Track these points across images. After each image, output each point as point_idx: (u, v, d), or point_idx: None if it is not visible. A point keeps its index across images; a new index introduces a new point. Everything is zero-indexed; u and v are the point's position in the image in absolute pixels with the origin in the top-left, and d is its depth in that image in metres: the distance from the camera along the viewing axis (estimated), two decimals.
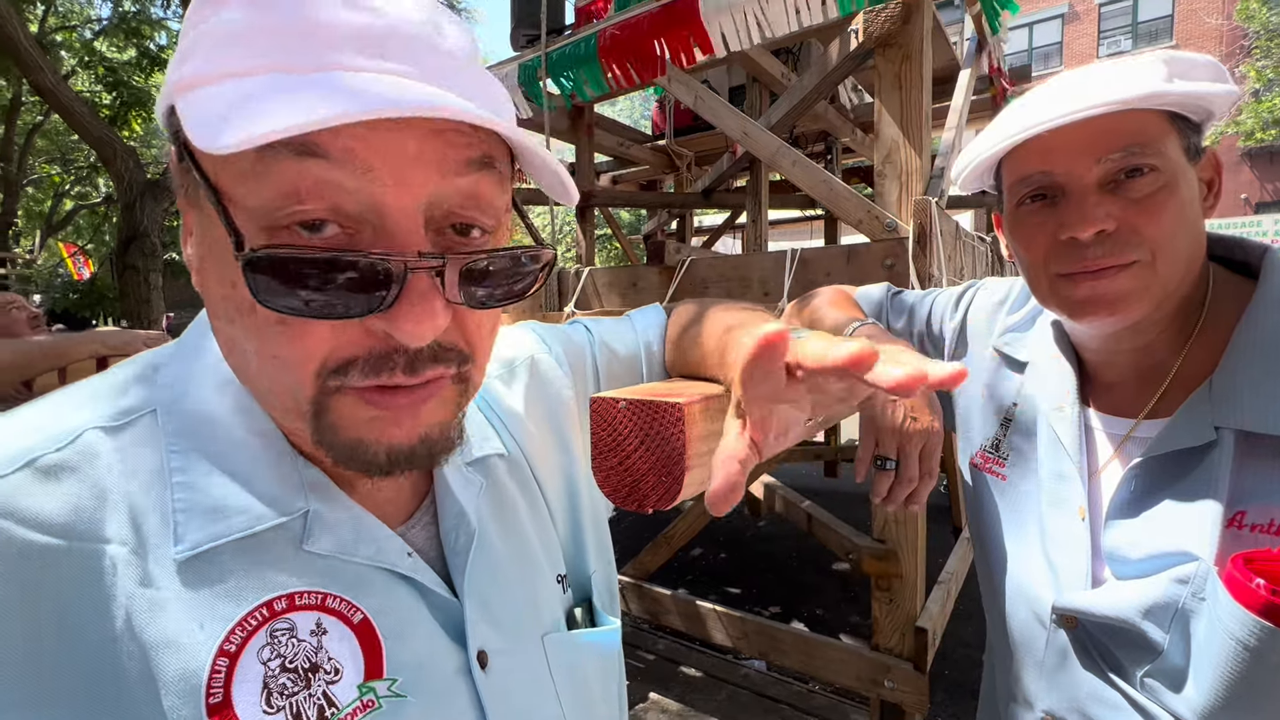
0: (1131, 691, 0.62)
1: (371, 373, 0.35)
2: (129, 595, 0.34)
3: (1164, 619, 0.58)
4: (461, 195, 0.36)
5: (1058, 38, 17.30)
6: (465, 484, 0.49)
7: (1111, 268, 0.60)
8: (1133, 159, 0.59)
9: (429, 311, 0.34)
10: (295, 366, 0.35)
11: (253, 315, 0.34)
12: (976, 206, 4.41)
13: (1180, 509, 0.59)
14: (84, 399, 0.39)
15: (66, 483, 0.35)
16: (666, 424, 0.46)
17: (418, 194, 0.34)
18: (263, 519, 0.38)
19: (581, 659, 0.53)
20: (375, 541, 0.42)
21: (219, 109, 0.30)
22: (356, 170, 0.32)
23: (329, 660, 0.38)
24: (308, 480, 0.41)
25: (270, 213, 0.32)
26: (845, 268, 1.98)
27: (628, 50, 2.43)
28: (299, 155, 0.31)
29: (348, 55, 0.32)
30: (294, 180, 0.32)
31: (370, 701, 0.39)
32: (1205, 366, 0.61)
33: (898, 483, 0.68)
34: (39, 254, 14.16)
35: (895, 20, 1.90)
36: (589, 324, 0.69)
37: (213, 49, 0.32)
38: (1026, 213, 0.66)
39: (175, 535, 0.36)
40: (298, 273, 0.32)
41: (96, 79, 9.54)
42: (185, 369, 0.41)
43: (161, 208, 6.75)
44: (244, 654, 0.36)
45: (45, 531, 0.33)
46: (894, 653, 2.00)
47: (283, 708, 0.36)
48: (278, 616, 0.37)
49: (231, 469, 0.38)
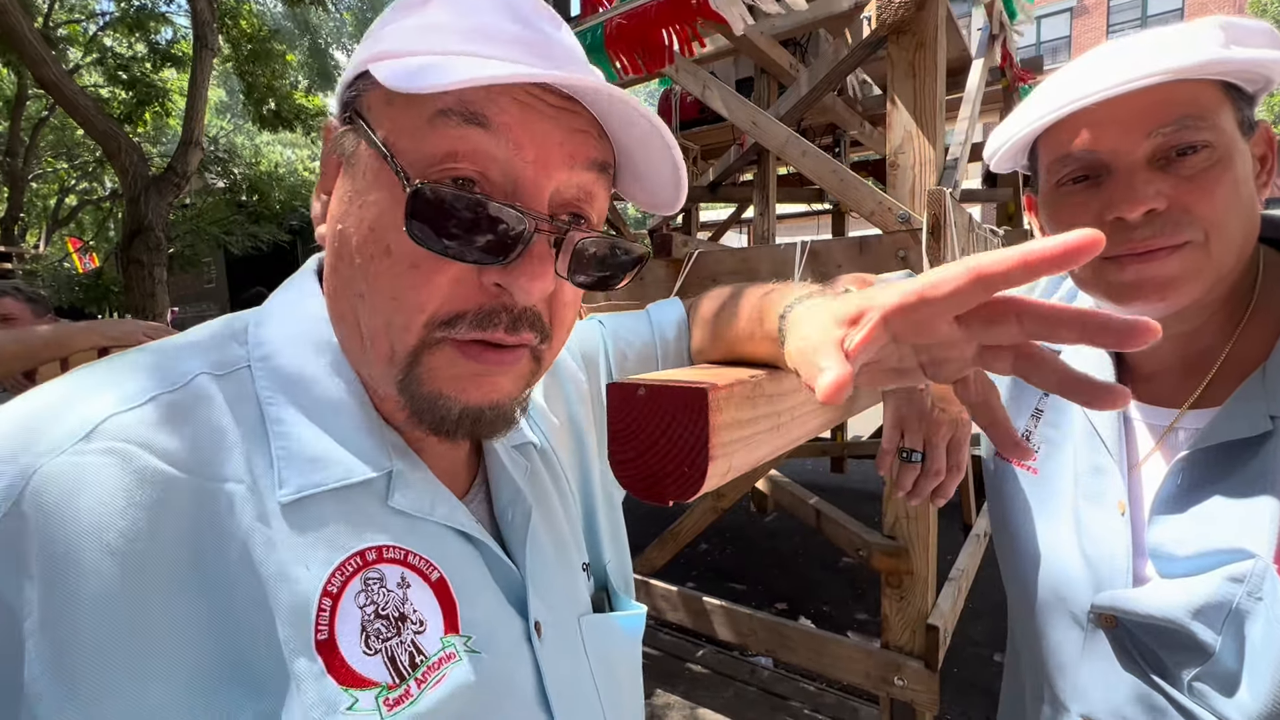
0: (1178, 695, 0.59)
1: (478, 326, 0.40)
2: (247, 529, 0.36)
3: (1216, 619, 0.55)
4: (580, 188, 0.42)
5: (1066, 31, 17.16)
6: (514, 465, 0.52)
7: (1162, 249, 0.56)
8: (1186, 133, 0.55)
9: (544, 272, 0.39)
10: (411, 310, 0.39)
11: (385, 258, 0.39)
12: (986, 200, 4.37)
13: (1233, 503, 0.55)
14: (189, 348, 0.41)
15: (187, 420, 0.37)
16: (690, 410, 0.43)
17: (552, 176, 0.40)
18: (355, 472, 0.41)
19: (612, 641, 0.55)
20: (449, 503, 0.45)
21: (418, 66, 0.36)
22: (509, 143, 0.38)
23: (415, 612, 0.41)
24: (391, 442, 0.44)
25: (428, 165, 0.38)
26: (858, 259, 1.95)
27: (635, 40, 2.39)
28: (465, 122, 0.37)
29: (522, 54, 0.39)
30: (454, 143, 0.38)
31: (451, 653, 0.41)
32: (1257, 353, 0.58)
33: (923, 475, 0.65)
34: (44, 249, 14.20)
35: (909, 6, 1.86)
36: (603, 319, 0.71)
37: (412, 34, 0.39)
38: (1067, 192, 0.62)
39: (279, 479, 0.38)
40: (450, 211, 0.37)
41: (108, 76, 9.55)
42: (277, 331, 0.44)
43: (166, 202, 6.74)
44: (344, 597, 0.38)
45: (169, 462, 0.35)
46: (905, 650, 1.97)
47: (379, 650, 0.38)
48: (369, 566, 0.40)
49: (325, 424, 0.41)
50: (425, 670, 0.39)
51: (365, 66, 0.39)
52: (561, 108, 0.40)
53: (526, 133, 0.38)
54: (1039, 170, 0.66)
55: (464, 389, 0.41)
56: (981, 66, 2.65)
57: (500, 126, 0.38)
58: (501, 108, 0.37)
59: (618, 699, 0.55)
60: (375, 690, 0.37)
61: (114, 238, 13.17)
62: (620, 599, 0.58)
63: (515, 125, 0.38)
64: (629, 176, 0.47)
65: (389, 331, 0.40)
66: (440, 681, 0.40)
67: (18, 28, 5.63)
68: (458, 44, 0.38)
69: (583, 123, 0.41)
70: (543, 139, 0.39)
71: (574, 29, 2.61)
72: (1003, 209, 4.22)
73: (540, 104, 0.39)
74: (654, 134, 0.42)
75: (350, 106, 0.42)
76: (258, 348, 0.43)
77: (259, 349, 0.43)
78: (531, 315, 0.41)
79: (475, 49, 0.38)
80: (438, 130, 0.37)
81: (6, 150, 11.47)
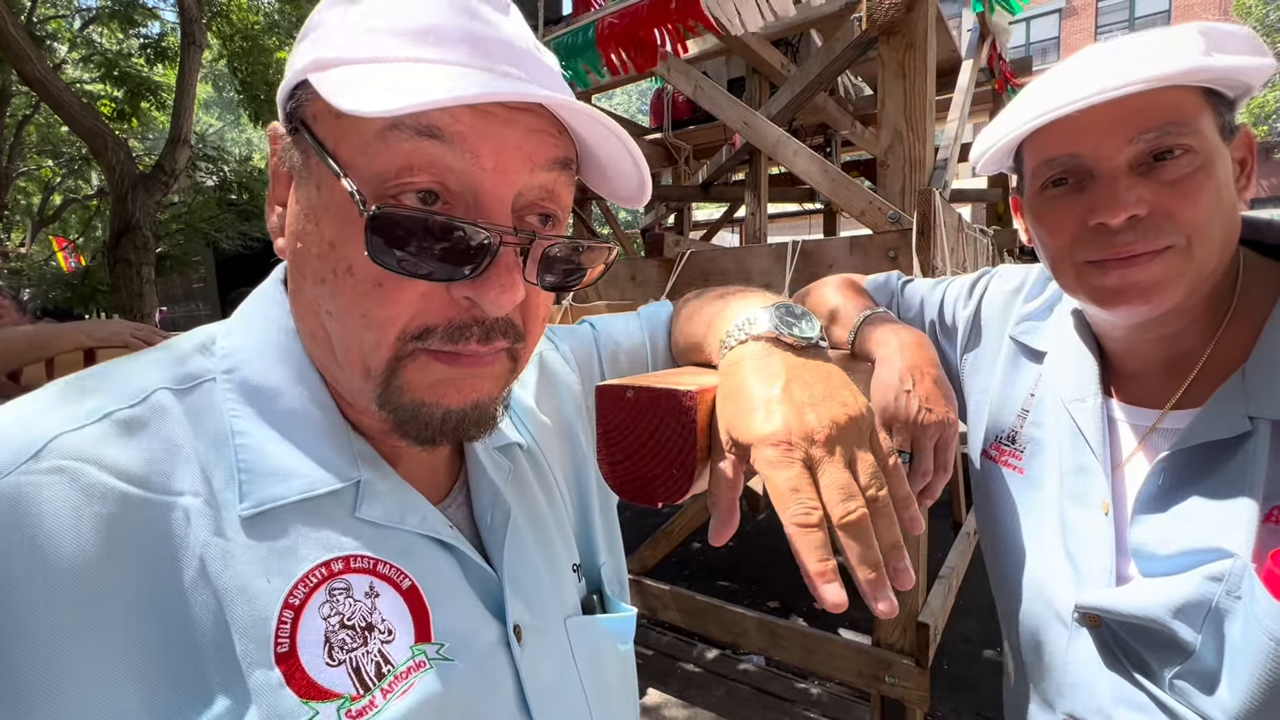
0: (1159, 693, 0.59)
1: (449, 340, 0.39)
2: (203, 544, 0.36)
3: (1196, 618, 0.56)
4: (543, 189, 0.41)
5: (1055, 33, 17.27)
6: (495, 466, 0.51)
7: (1144, 254, 0.57)
8: (1167, 139, 0.56)
9: (513, 283, 0.39)
10: (381, 326, 0.38)
11: (348, 276, 0.38)
12: (976, 200, 4.39)
13: (1213, 503, 0.56)
14: (149, 365, 0.41)
15: (141, 436, 0.37)
16: (678, 412, 0.43)
17: (512, 181, 0.39)
18: (320, 483, 0.40)
19: (600, 644, 0.54)
20: (420, 511, 0.44)
21: (360, 80, 0.35)
22: (465, 153, 0.37)
23: (383, 621, 0.40)
24: (359, 452, 0.43)
25: (383, 181, 0.37)
26: (848, 259, 1.95)
27: (626, 38, 2.39)
28: (419, 134, 0.36)
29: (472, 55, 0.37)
30: (409, 156, 0.36)
31: (421, 662, 0.41)
32: (1237, 355, 0.59)
33: (911, 476, 0.66)
34: (29, 248, 14.02)
35: (899, 7, 1.87)
36: (594, 322, 0.71)
37: (354, 35, 0.37)
38: (1051, 197, 0.63)
39: (240, 493, 0.38)
40: (411, 231, 0.36)
41: (98, 73, 9.44)
42: (244, 341, 0.43)
43: (154, 200, 6.67)
44: (306, 609, 0.38)
45: (123, 479, 0.35)
46: (895, 648, 1.99)
47: (343, 661, 0.38)
48: (335, 577, 0.39)
49: (290, 436, 0.41)
50: (392, 680, 0.39)
51: (306, 75, 0.37)
52: (518, 109, 0.39)
53: (483, 141, 0.37)
54: (1024, 173, 0.67)
55: (444, 393, 0.40)
56: (971, 67, 2.66)
57: (455, 137, 0.36)
58: (455, 117, 0.36)
59: (607, 702, 0.54)
60: (337, 702, 0.37)
61: (101, 237, 13.02)
62: (613, 602, 0.58)
63: (471, 134, 0.37)
64: (594, 171, 0.46)
65: (361, 349, 0.39)
66: (408, 691, 0.39)
67: (1, 23, 5.56)
68: (403, 48, 0.36)
69: (541, 122, 0.40)
70: (500, 144, 0.38)
71: (566, 28, 2.61)
72: (992, 209, 4.25)
73: (496, 108, 0.38)
74: (610, 137, 0.42)
75: (295, 115, 0.40)
76: (224, 360, 0.42)
77: (225, 361, 0.42)
78: (504, 324, 0.41)
79: (421, 53, 0.36)
80: (390, 145, 0.36)
81: None
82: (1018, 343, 0.78)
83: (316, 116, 0.39)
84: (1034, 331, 0.77)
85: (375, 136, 0.36)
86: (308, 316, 0.42)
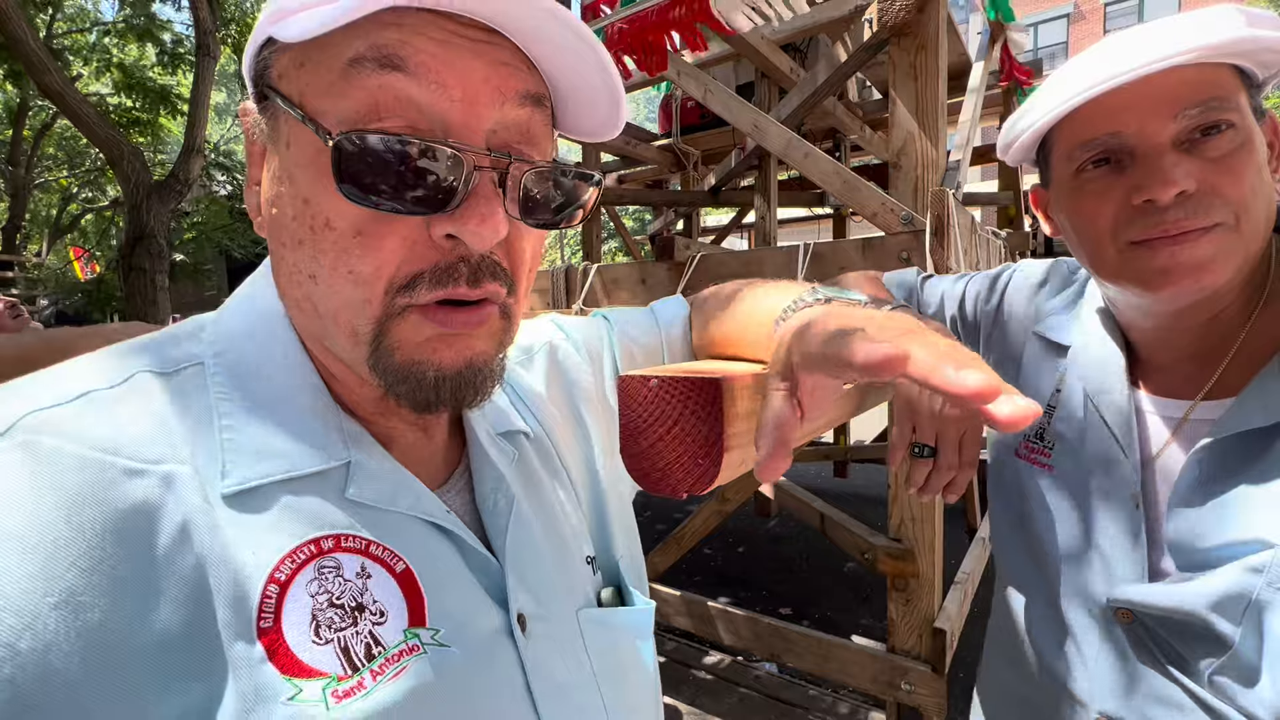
0: (1198, 689, 0.58)
1: (438, 284, 0.38)
2: (187, 509, 0.35)
3: (1235, 611, 0.54)
4: (518, 128, 0.40)
5: (1063, 38, 17.23)
6: (499, 453, 0.50)
7: (1194, 231, 0.55)
8: (1213, 114, 0.54)
9: (493, 211, 0.37)
10: (368, 281, 0.37)
11: (327, 231, 0.37)
12: (986, 204, 4.37)
13: (1253, 493, 0.55)
14: (135, 350, 0.40)
15: (121, 410, 0.36)
16: (704, 402, 0.43)
17: (483, 116, 0.38)
18: (307, 463, 0.39)
19: (616, 638, 0.52)
20: (413, 493, 0.43)
21: (315, 14, 0.34)
22: (430, 84, 0.36)
23: (374, 602, 0.39)
24: (350, 433, 0.42)
25: (351, 125, 0.35)
26: (860, 261, 1.94)
27: (636, 43, 2.40)
28: (381, 67, 0.35)
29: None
30: (374, 93, 0.35)
31: (415, 646, 0.39)
32: (1271, 342, 0.57)
33: (935, 471, 0.65)
34: (46, 257, 14.24)
35: (911, 9, 1.86)
36: (608, 314, 0.69)
37: None
38: (1089, 179, 0.61)
39: (223, 470, 0.37)
40: (379, 157, 0.35)
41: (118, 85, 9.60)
42: (231, 326, 0.43)
43: (168, 209, 6.76)
44: (293, 584, 0.36)
45: (93, 447, 0.33)
46: (911, 654, 1.96)
47: (331, 640, 0.36)
48: (325, 555, 0.38)
49: (277, 417, 0.40)
50: (382, 663, 0.37)
51: (268, 32, 0.37)
52: (482, 40, 0.37)
53: (449, 70, 0.36)
54: (1051, 161, 0.66)
55: (436, 350, 0.39)
56: (982, 69, 2.65)
57: (419, 67, 0.35)
58: (417, 47, 0.35)
59: (625, 699, 0.51)
60: (323, 681, 0.35)
61: (116, 245, 13.22)
62: (633, 595, 0.56)
63: (435, 64, 0.35)
64: (563, 107, 0.44)
65: (349, 309, 0.38)
66: (399, 674, 0.37)
67: (22, 37, 5.67)
68: None
69: (507, 55, 0.38)
70: (466, 75, 0.36)
71: None
72: (1003, 212, 4.22)
73: (459, 39, 0.36)
74: (580, 44, 0.39)
75: (262, 82, 0.39)
76: (213, 344, 0.42)
77: (214, 345, 0.42)
78: (490, 264, 0.40)
79: None
80: (354, 83, 0.35)
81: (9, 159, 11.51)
82: (1042, 338, 0.77)
83: (281, 74, 0.38)
84: (1058, 326, 0.76)
85: (339, 76, 0.35)
86: (291, 287, 0.40)
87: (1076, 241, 0.65)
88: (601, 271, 2.53)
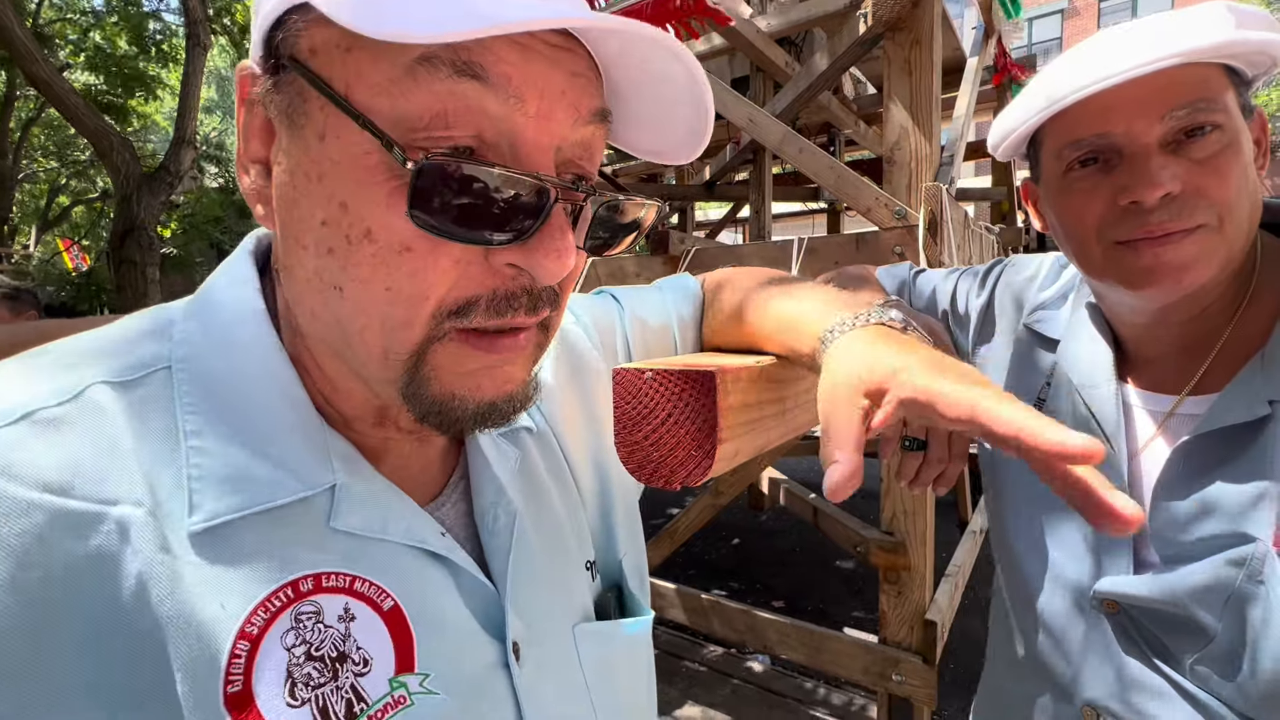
0: (1179, 679, 0.59)
1: (496, 313, 0.34)
2: (144, 562, 0.30)
3: (1216, 603, 0.55)
4: (583, 144, 0.36)
5: (1057, 33, 17.26)
6: (500, 457, 0.46)
7: (1177, 232, 0.56)
8: (1199, 116, 0.55)
9: (567, 247, 0.34)
10: (413, 301, 0.33)
11: (365, 243, 0.32)
12: (980, 199, 4.39)
13: (1234, 488, 0.56)
14: (91, 351, 0.35)
15: (68, 437, 0.31)
16: (698, 394, 0.43)
17: (555, 133, 0.34)
18: (286, 491, 0.35)
19: (612, 651, 0.50)
20: (406, 519, 0.39)
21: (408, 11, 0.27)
22: (507, 97, 0.31)
23: (357, 650, 0.35)
24: (336, 452, 0.38)
25: (411, 129, 0.30)
26: (854, 256, 1.95)
27: None
28: (457, 73, 0.30)
29: None
30: (443, 100, 0.30)
31: (402, 697, 0.35)
32: (1255, 338, 0.58)
33: (926, 464, 0.65)
34: (35, 249, 14.08)
35: (905, 3, 1.87)
36: (617, 294, 0.65)
37: None
38: (1077, 178, 0.62)
39: (190, 504, 0.32)
40: (460, 188, 0.30)
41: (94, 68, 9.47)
42: (205, 324, 0.37)
43: (159, 200, 6.70)
44: (266, 638, 0.32)
45: (37, 486, 0.29)
46: (902, 646, 1.98)
47: (308, 700, 0.33)
48: (303, 598, 0.34)
49: (253, 435, 0.35)
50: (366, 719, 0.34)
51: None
52: (560, 46, 0.33)
53: (529, 85, 0.31)
54: (1041, 158, 0.67)
55: (479, 385, 0.35)
56: (976, 64, 2.66)
57: (499, 78, 0.30)
58: (499, 56, 0.30)
59: (618, 702, 0.50)
60: None
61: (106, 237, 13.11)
62: (633, 597, 0.54)
63: (516, 75, 0.31)
64: (626, 121, 0.40)
65: (384, 329, 0.33)
66: None
67: (8, 25, 5.58)
68: None
69: (582, 64, 0.34)
70: (545, 88, 0.32)
71: None
72: (996, 208, 4.24)
73: (539, 44, 0.32)
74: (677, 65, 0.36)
75: (283, 50, 0.32)
76: (181, 345, 0.36)
77: (182, 347, 0.36)
78: (551, 292, 0.36)
79: None
80: (421, 84, 0.30)
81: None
82: (1032, 331, 0.78)
83: (316, 51, 0.31)
84: (1048, 320, 0.76)
85: (403, 72, 0.30)
86: (308, 294, 0.35)
87: (1064, 238, 0.66)
88: (597, 265, 2.53)
